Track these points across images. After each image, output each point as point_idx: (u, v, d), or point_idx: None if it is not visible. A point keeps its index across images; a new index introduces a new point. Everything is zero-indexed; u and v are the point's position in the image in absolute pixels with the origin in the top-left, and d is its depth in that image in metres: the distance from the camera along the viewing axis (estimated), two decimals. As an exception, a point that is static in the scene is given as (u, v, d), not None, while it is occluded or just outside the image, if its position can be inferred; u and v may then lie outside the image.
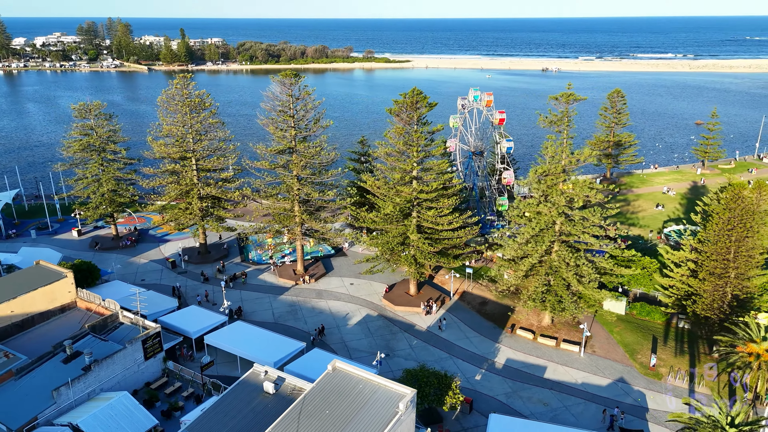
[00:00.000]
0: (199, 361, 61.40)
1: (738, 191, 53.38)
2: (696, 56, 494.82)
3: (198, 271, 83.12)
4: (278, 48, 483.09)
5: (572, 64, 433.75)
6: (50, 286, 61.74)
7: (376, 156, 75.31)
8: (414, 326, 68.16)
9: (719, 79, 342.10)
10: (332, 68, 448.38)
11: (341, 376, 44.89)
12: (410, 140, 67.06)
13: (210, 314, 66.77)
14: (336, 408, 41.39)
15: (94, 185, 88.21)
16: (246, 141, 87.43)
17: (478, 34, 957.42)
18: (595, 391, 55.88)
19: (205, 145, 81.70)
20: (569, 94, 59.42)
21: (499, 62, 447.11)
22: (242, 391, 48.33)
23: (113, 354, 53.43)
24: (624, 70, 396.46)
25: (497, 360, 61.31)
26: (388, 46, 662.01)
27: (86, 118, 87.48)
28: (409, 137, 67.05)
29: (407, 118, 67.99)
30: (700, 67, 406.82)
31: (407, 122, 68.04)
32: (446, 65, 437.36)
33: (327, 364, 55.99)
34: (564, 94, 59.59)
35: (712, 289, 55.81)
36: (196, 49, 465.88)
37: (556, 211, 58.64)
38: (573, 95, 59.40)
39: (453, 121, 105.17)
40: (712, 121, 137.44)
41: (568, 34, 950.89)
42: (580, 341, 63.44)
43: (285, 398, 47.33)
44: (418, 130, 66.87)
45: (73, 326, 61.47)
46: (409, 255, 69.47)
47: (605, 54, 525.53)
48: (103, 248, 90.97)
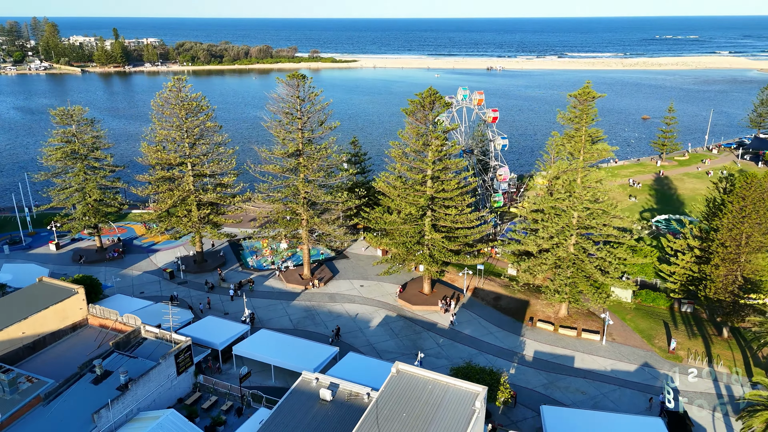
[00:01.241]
0: (226, 373, 59.70)
1: (751, 180, 57.11)
2: (625, 54, 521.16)
3: (197, 280, 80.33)
4: (220, 48, 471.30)
5: (514, 62, 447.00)
6: (61, 303, 57.98)
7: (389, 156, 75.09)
8: (436, 325, 68.65)
9: (652, 76, 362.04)
10: (277, 68, 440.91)
11: (408, 378, 44.76)
12: (428, 140, 67.45)
13: (230, 324, 64.72)
14: (412, 410, 41.27)
15: (78, 195, 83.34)
16: (231, 145, 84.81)
17: (416, 34, 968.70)
18: (625, 376, 58.28)
19: (204, 150, 78.97)
20: (588, 92, 61.55)
21: (444, 62, 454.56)
22: (297, 401, 47.26)
23: (149, 371, 50.88)
24: (564, 68, 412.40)
25: (525, 353, 62.77)
26: (332, 46, 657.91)
27: (68, 124, 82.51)
28: (427, 137, 67.42)
29: (423, 118, 68.34)
30: (632, 65, 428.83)
31: (423, 122, 68.40)
32: (393, 65, 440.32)
33: (366, 367, 56.18)
34: (582, 92, 61.66)
35: (726, 273, 59.43)
36: (132, 49, 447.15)
37: (581, 206, 60.73)
38: (592, 93, 61.60)
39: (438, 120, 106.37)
40: (668, 115, 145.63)
41: (503, 33, 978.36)
42: (599, 330, 65.96)
43: (344, 404, 46.70)
44: (437, 129, 67.36)
45: (88, 345, 57.99)
46: (426, 254, 69.89)
47: (543, 53, 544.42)
48: (88, 262, 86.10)
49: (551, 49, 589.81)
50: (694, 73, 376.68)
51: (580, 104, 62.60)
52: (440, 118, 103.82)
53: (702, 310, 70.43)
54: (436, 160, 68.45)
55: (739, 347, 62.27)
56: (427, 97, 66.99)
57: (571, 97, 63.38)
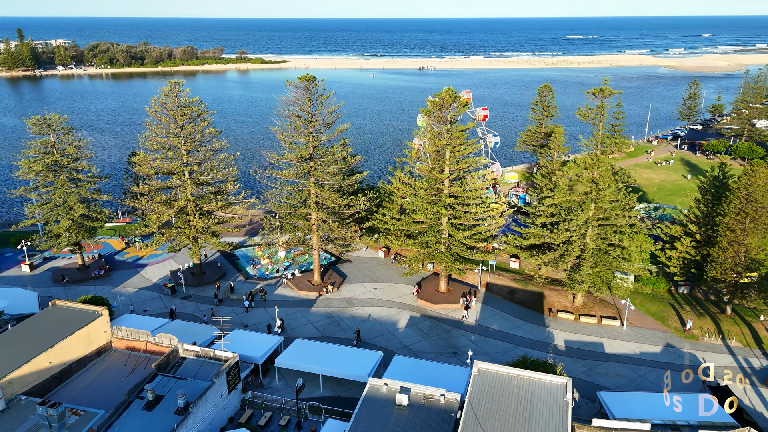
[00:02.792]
0: (269, 387, 57.60)
1: (757, 169, 62.24)
2: (543, 54, 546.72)
3: (200, 294, 76.69)
4: (140, 50, 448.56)
5: (444, 62, 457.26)
6: (86, 328, 53.57)
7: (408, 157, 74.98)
8: (462, 322, 69.52)
9: (575, 73, 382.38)
10: (204, 70, 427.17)
11: (491, 376, 45.24)
12: (449, 140, 68.11)
13: (261, 336, 62.41)
14: (507, 406, 41.81)
15: (60, 210, 76.98)
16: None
17: (339, 35, 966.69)
18: (654, 357, 61.78)
19: (206, 157, 75.42)
20: (605, 89, 64.57)
21: (376, 62, 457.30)
22: (373, 408, 46.44)
23: (205, 392, 48.15)
24: (492, 67, 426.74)
25: (557, 343, 64.96)
26: (259, 46, 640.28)
27: (46, 133, 76.03)
28: (449, 136, 68.06)
29: (442, 118, 68.95)
30: (553, 63, 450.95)
31: (442, 121, 69.02)
32: (326, 65, 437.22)
33: (418, 368, 56.08)
34: (601, 89, 64.61)
35: (733, 254, 64.42)
36: (41, 52, 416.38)
37: (607, 197, 63.70)
38: (609, 90, 64.67)
39: (421, 120, 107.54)
40: (617, 111, 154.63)
41: (422, 34, 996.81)
42: (615, 315, 69.49)
43: (422, 408, 46.42)
44: (458, 128, 68.16)
45: (118, 370, 53.94)
46: (447, 252, 70.59)
47: (468, 53, 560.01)
48: (73, 281, 79.75)
49: (472, 49, 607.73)
50: (611, 70, 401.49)
51: (598, 100, 65.41)
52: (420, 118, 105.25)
53: (697, 291, 75.93)
54: (455, 161, 69.24)
55: (744, 323, 67.68)
56: (446, 97, 67.64)
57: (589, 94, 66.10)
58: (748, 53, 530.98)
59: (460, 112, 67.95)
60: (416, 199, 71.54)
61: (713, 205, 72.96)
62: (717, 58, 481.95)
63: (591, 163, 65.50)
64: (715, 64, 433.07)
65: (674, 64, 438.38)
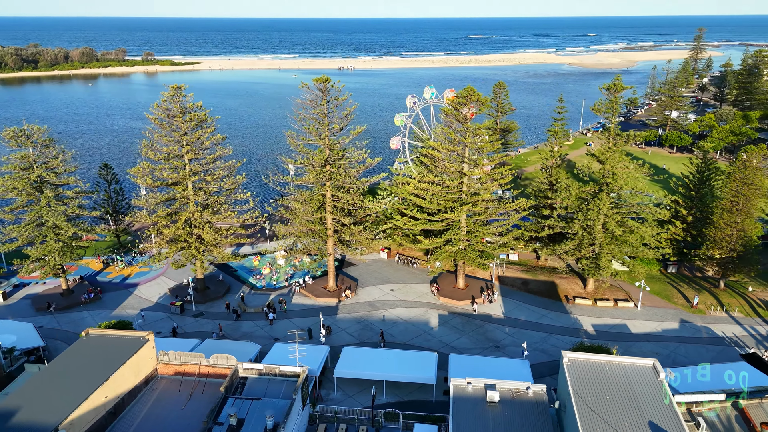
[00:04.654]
0: (327, 399, 55.79)
1: (749, 158, 68.88)
2: (452, 53, 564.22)
3: (210, 310, 72.62)
4: (31, 52, 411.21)
5: (362, 62, 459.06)
6: (136, 356, 49.07)
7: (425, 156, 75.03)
8: (491, 316, 70.92)
9: (490, 71, 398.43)
10: (107, 73, 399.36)
11: (581, 364, 46.67)
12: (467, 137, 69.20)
13: (307, 347, 60.06)
14: (611, 392, 43.35)
15: (47, 231, 69.53)
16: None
17: (243, 35, 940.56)
18: (676, 333, 66.54)
19: (214, 165, 71.28)
20: (618, 84, 68.47)
21: (294, 62, 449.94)
22: (465, 407, 46.47)
23: (290, 410, 45.82)
24: (409, 67, 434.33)
25: (585, 328, 68.09)
26: (166, 48, 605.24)
27: (26, 146, 68.34)
28: (468, 133, 69.08)
29: (461, 117, 69.86)
30: (466, 62, 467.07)
31: (461, 120, 69.94)
32: (241, 66, 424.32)
33: (478, 365, 56.72)
34: (614, 85, 68.42)
35: (730, 232, 70.86)
36: None
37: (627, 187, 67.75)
38: (621, 85, 68.63)
39: (399, 120, 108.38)
40: (559, 105, 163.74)
41: (330, 34, 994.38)
42: (627, 298, 74.04)
43: (513, 402, 47.08)
44: (478, 126, 69.34)
45: (172, 398, 49.95)
46: (471, 249, 71.73)
47: (381, 53, 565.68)
48: (60, 308, 72.43)
49: (383, 49, 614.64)
50: (521, 68, 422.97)
51: (611, 95, 69.17)
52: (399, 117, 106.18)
53: (684, 269, 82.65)
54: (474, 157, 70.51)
55: (739, 295, 74.54)
56: (467, 96, 68.65)
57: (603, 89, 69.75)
58: (634, 51, 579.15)
59: (482, 110, 69.15)
60: (435, 198, 72.04)
61: (698, 190, 79.69)
62: (609, 56, 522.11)
63: (609, 155, 69.14)
64: (610, 61, 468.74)
65: (575, 62, 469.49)
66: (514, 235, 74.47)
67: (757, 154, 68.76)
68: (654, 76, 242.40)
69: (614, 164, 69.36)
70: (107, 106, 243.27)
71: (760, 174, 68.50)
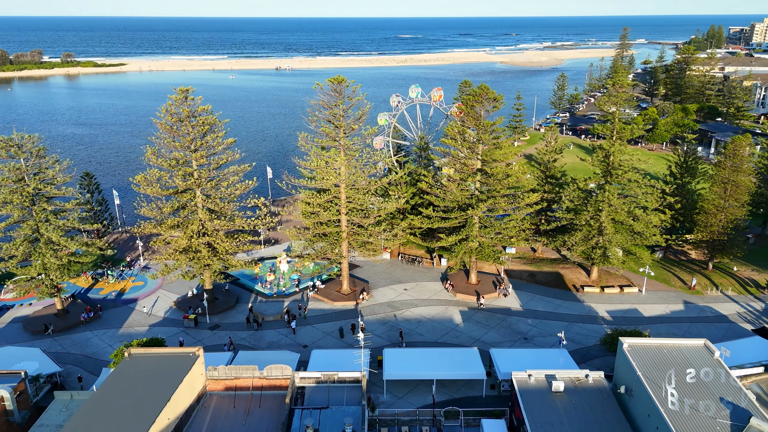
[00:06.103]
0: (377, 402, 55.11)
1: (738, 145, 74.23)
2: (386, 52, 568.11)
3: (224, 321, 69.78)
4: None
5: (298, 62, 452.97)
6: (190, 373, 46.40)
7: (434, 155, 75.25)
8: (510, 309, 72.42)
9: (428, 70, 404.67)
10: (22, 76, 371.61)
11: (641, 349, 48.43)
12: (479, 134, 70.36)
13: (346, 353, 58.83)
14: (675, 373, 45.43)
15: (42, 247, 64.26)
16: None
17: (167, 34, 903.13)
18: (684, 314, 70.64)
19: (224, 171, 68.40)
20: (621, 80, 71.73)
21: (227, 63, 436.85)
22: (534, 398, 47.41)
23: (363, 416, 44.91)
24: (347, 66, 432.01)
25: (601, 314, 70.93)
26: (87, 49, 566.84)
27: (18, 157, 62.78)
28: (485, 130, 70.17)
29: (474, 114, 70.84)
30: (403, 62, 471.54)
31: (475, 117, 70.92)
32: (172, 68, 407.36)
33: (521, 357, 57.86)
34: (617, 82, 71.62)
35: (723, 216, 76.13)
36: None
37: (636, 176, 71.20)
38: (625, 80, 71.88)
39: (383, 119, 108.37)
40: (517, 102, 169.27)
41: (264, 34, 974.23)
42: (630, 284, 77.84)
43: (577, 390, 48.47)
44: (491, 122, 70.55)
45: (228, 414, 47.66)
46: (486, 245, 72.96)
47: (316, 53, 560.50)
48: (59, 330, 67.14)
49: (315, 49, 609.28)
50: (458, 66, 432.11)
51: (615, 90, 72.40)
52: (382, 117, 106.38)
53: (668, 253, 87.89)
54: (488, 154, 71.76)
55: (728, 275, 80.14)
56: (481, 93, 69.73)
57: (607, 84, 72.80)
58: (558, 49, 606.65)
59: (497, 108, 70.56)
60: (448, 195, 72.76)
61: (683, 178, 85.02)
62: (537, 54, 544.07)
63: (616, 148, 72.34)
64: (539, 60, 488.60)
65: (506, 60, 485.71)
66: (522, 227, 76.34)
67: (744, 143, 74.33)
68: (591, 73, 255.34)
69: (619, 156, 72.77)
70: (37, 112, 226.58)
71: (746, 161, 74.12)
